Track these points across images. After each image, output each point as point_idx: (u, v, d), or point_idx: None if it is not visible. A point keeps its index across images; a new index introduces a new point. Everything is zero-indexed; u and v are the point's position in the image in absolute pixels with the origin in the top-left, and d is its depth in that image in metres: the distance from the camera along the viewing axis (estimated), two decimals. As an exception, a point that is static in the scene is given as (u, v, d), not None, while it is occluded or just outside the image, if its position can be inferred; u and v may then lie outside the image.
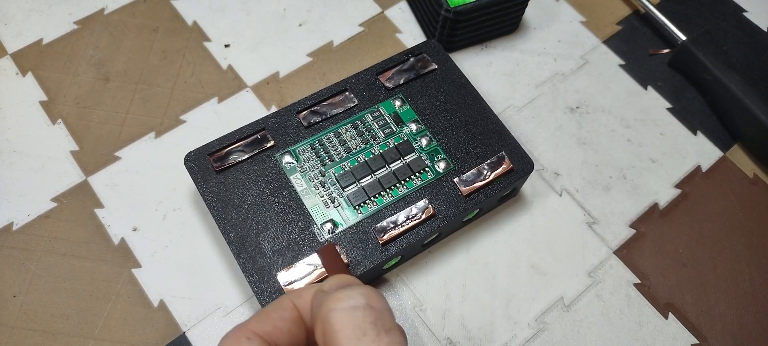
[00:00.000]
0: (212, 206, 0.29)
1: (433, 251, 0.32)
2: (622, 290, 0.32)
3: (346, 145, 0.31)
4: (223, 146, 0.30)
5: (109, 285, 0.30)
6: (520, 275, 0.32)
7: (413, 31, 0.40)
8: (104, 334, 0.29)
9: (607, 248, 0.33)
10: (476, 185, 0.30)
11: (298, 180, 0.30)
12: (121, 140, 0.34)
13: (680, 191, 0.35)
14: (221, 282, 0.30)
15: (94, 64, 0.36)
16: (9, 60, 0.36)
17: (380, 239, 0.28)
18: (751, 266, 0.33)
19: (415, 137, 0.31)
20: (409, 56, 0.34)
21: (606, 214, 0.34)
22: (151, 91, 0.36)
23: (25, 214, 0.31)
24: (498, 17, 0.37)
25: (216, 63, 0.37)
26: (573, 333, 0.30)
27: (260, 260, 0.28)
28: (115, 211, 0.32)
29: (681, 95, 0.39)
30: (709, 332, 0.31)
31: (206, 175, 0.29)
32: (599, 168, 0.35)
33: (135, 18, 0.38)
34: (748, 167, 0.36)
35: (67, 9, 0.38)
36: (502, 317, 0.30)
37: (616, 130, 0.37)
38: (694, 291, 0.32)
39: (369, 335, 0.18)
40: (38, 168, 0.33)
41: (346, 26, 0.39)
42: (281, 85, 0.37)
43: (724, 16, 0.42)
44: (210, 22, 0.39)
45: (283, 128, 0.31)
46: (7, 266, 0.30)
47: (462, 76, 0.34)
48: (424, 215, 0.29)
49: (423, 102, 0.33)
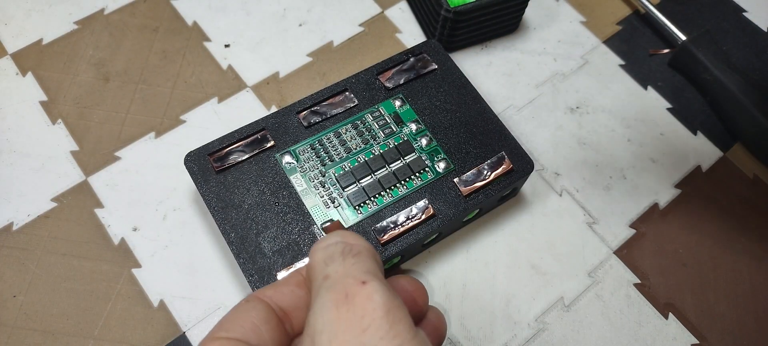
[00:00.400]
0: (212, 206, 0.29)
1: (433, 251, 0.32)
2: (622, 290, 0.32)
3: (346, 146, 0.31)
4: (223, 146, 0.30)
5: (109, 285, 0.30)
6: (520, 275, 0.32)
7: (413, 31, 0.40)
8: (104, 334, 0.29)
9: (607, 248, 0.33)
10: (476, 185, 0.30)
11: (298, 180, 0.30)
12: (121, 140, 0.34)
13: (680, 191, 0.35)
14: (221, 282, 0.30)
15: (94, 64, 0.36)
16: (9, 60, 0.36)
17: (380, 239, 0.28)
18: (751, 266, 0.33)
19: (415, 137, 0.31)
20: (409, 56, 0.34)
21: (606, 214, 0.34)
22: (151, 91, 0.36)
23: (25, 214, 0.31)
24: (498, 17, 0.37)
25: (216, 63, 0.37)
26: (573, 333, 0.30)
27: (260, 260, 0.28)
28: (115, 211, 0.32)
29: (681, 95, 0.39)
30: (709, 332, 0.31)
31: (206, 175, 0.29)
32: (599, 168, 0.35)
33: (135, 18, 0.38)
34: (748, 167, 0.36)
35: (67, 9, 0.38)
36: (502, 317, 0.30)
37: (616, 130, 0.37)
38: (694, 291, 0.32)
39: (336, 260, 0.20)
40: (38, 168, 0.33)
41: (346, 26, 0.39)
42: (281, 85, 0.37)
43: (724, 16, 0.42)
44: (210, 22, 0.39)
45: (283, 128, 0.31)
46: (7, 266, 0.30)
47: (462, 76, 0.34)
48: (424, 215, 0.29)
49: (423, 102, 0.33)
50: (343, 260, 0.20)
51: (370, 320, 0.18)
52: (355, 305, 0.18)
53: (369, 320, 0.18)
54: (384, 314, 0.18)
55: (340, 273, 0.19)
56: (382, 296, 0.18)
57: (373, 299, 0.18)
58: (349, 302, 0.18)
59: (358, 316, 0.18)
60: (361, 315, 0.18)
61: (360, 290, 0.18)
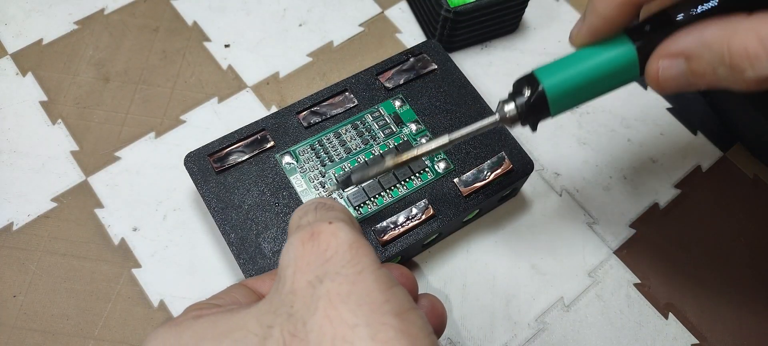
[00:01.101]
0: (212, 207, 0.29)
1: (433, 251, 0.32)
2: (622, 290, 0.32)
3: (346, 146, 0.31)
4: (223, 147, 0.30)
5: (109, 285, 0.30)
6: (520, 275, 0.32)
7: (413, 31, 0.40)
8: (104, 334, 0.29)
9: (607, 248, 0.33)
10: (476, 185, 0.30)
11: (298, 180, 0.30)
12: (121, 140, 0.34)
13: (680, 191, 0.35)
14: (221, 282, 0.30)
15: (94, 64, 0.36)
16: (9, 60, 0.36)
17: (380, 239, 0.28)
18: (751, 266, 0.33)
19: (415, 137, 0.31)
20: (409, 56, 0.34)
21: (606, 214, 0.34)
22: (151, 91, 0.36)
23: (25, 214, 0.31)
24: (498, 17, 0.37)
25: (216, 63, 0.37)
26: (573, 333, 0.30)
27: (260, 261, 0.28)
28: (115, 211, 0.32)
29: (681, 95, 0.39)
30: (709, 332, 0.31)
31: (206, 175, 0.29)
32: (599, 168, 0.35)
33: (135, 18, 0.38)
34: (748, 167, 0.36)
35: (67, 9, 0.38)
36: (502, 317, 0.31)
37: (616, 130, 0.37)
38: (694, 291, 0.32)
39: (309, 213, 0.20)
40: (38, 168, 0.33)
41: (346, 26, 0.39)
42: (281, 85, 0.37)
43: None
44: (210, 22, 0.39)
45: (283, 129, 0.31)
46: (7, 266, 0.30)
47: (462, 76, 0.34)
48: (424, 216, 0.29)
49: (423, 102, 0.33)
50: (315, 211, 0.20)
51: (334, 252, 0.18)
52: (319, 241, 0.19)
53: (332, 252, 0.18)
54: (348, 247, 0.18)
55: (309, 220, 0.20)
56: (347, 234, 0.19)
57: (338, 235, 0.19)
58: (315, 238, 0.19)
59: (322, 249, 0.18)
60: (325, 248, 0.18)
61: (326, 228, 0.19)
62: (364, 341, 0.16)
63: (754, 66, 0.19)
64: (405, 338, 0.16)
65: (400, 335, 0.16)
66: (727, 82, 0.20)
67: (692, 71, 0.21)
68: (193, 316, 0.19)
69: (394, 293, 0.18)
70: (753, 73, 0.19)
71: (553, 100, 0.23)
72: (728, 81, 0.20)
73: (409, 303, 0.18)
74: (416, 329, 0.17)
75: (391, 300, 0.17)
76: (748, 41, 0.19)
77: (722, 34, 0.20)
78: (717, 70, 0.20)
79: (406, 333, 0.17)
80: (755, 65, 0.19)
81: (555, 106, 0.23)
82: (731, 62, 0.19)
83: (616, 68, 0.22)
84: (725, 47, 0.19)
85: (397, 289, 0.18)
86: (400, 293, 0.18)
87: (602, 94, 0.23)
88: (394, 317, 0.17)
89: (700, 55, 0.20)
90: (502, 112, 0.24)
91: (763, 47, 0.19)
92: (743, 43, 0.19)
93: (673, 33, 0.21)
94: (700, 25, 0.21)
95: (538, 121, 0.24)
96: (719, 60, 0.20)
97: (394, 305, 0.17)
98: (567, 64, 0.23)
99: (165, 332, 0.19)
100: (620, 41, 0.22)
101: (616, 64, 0.22)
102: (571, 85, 0.22)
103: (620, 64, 0.22)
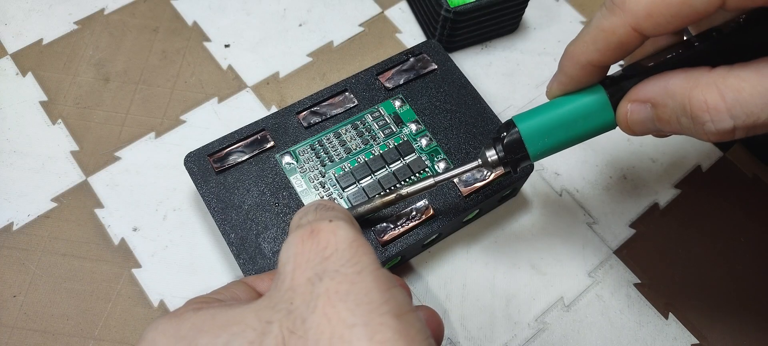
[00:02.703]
0: (212, 207, 0.29)
1: (433, 251, 0.32)
2: (622, 290, 0.32)
3: (346, 146, 0.31)
4: (223, 147, 0.30)
5: (109, 285, 0.30)
6: (520, 275, 0.32)
7: (413, 31, 0.40)
8: (104, 334, 0.29)
9: (607, 248, 0.33)
10: (476, 185, 0.30)
11: (298, 181, 0.30)
12: (121, 140, 0.34)
13: (680, 191, 0.35)
14: (221, 282, 0.30)
15: (94, 64, 0.36)
16: (9, 60, 0.36)
17: (380, 239, 0.28)
18: (751, 266, 0.33)
19: (415, 138, 0.31)
20: (409, 56, 0.34)
21: (606, 214, 0.34)
22: (151, 91, 0.36)
23: (25, 214, 0.31)
24: (498, 17, 0.37)
25: (216, 63, 0.37)
26: (573, 333, 0.30)
27: (260, 261, 0.28)
28: (115, 211, 0.32)
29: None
30: (709, 332, 0.31)
31: (206, 175, 0.29)
32: (599, 168, 0.35)
33: (135, 18, 0.38)
34: (748, 167, 0.36)
35: (67, 9, 0.38)
36: (502, 317, 0.31)
37: (616, 130, 0.37)
38: (694, 291, 0.32)
39: (309, 214, 0.21)
40: (38, 168, 0.33)
41: (346, 26, 0.39)
42: (281, 86, 0.37)
43: (724, 16, 0.42)
44: (210, 22, 0.39)
45: (283, 129, 0.31)
46: (7, 266, 0.30)
47: (462, 76, 0.34)
48: (424, 216, 0.29)
49: (423, 102, 0.33)
50: (315, 211, 0.21)
51: (333, 249, 0.18)
52: (319, 238, 0.19)
53: (331, 250, 0.18)
54: (347, 245, 0.18)
55: (309, 219, 0.20)
56: (347, 232, 0.19)
57: (338, 233, 0.19)
58: (314, 236, 0.19)
59: (321, 246, 0.18)
60: (324, 246, 0.18)
61: (325, 226, 0.19)
62: (361, 340, 0.16)
63: (714, 120, 0.20)
64: (403, 340, 0.16)
65: (398, 336, 0.16)
66: (690, 132, 0.21)
67: (658, 117, 0.21)
68: (193, 308, 0.19)
69: (393, 294, 0.18)
70: (713, 126, 0.20)
71: (528, 139, 0.24)
72: (691, 131, 0.21)
73: (408, 305, 0.18)
74: (414, 331, 0.17)
75: (390, 301, 0.17)
76: (708, 94, 0.19)
77: (685, 85, 0.20)
78: (680, 119, 0.21)
79: (404, 334, 0.17)
80: (715, 119, 0.20)
81: (532, 146, 0.24)
82: (692, 114, 0.20)
83: (587, 111, 0.23)
84: (687, 99, 0.20)
85: (396, 290, 0.18)
86: (399, 294, 0.18)
87: (581, 139, 0.24)
88: (393, 317, 0.17)
89: (664, 103, 0.21)
90: (483, 157, 0.25)
91: (723, 101, 0.19)
92: (703, 96, 0.20)
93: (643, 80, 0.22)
94: (666, 74, 0.21)
95: (519, 164, 0.25)
96: (681, 110, 0.20)
97: (393, 306, 0.17)
98: (543, 108, 0.24)
99: (164, 323, 0.19)
100: (594, 88, 0.23)
101: (587, 108, 0.23)
102: (545, 126, 0.24)
103: (591, 108, 0.23)
